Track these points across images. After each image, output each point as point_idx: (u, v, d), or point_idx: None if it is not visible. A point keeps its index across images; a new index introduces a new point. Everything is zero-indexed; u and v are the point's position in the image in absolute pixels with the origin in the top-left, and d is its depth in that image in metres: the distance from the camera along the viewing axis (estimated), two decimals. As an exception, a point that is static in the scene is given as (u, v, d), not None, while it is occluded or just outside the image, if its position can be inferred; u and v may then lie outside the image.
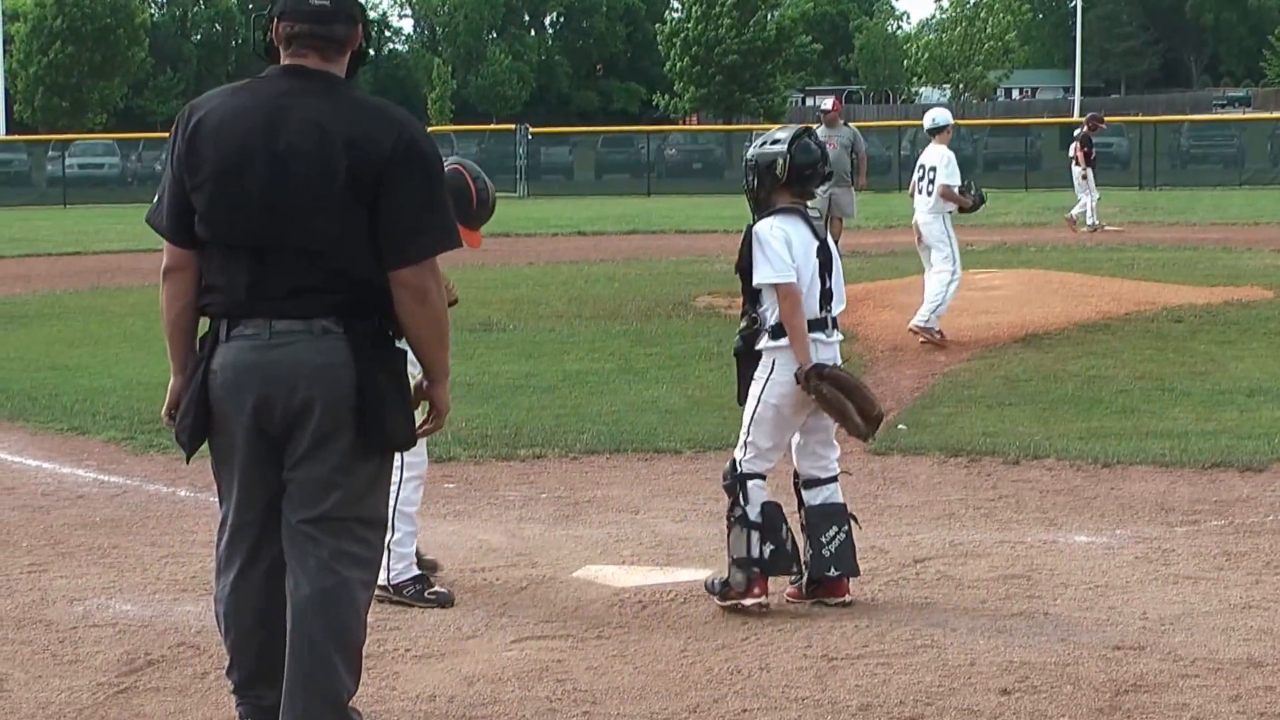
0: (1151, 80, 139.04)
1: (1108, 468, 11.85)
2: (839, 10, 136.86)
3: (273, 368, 5.92)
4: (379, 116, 5.95)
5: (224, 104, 6.05)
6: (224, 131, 5.95)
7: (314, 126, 5.89)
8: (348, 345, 5.92)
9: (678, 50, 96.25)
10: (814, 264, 8.49)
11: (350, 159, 5.84)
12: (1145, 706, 6.89)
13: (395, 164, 5.87)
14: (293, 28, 5.99)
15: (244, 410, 5.97)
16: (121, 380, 16.43)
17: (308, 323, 5.91)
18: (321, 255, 5.89)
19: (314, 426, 5.94)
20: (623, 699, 7.07)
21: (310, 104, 5.93)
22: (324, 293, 5.91)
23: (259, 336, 5.93)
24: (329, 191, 5.85)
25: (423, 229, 5.93)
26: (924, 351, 17.15)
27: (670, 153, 69.67)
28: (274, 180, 5.88)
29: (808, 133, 8.79)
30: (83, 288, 26.95)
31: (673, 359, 16.93)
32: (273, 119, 5.92)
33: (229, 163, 5.91)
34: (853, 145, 29.90)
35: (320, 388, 5.91)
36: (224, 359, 5.98)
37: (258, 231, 5.91)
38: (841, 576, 8.42)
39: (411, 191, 5.90)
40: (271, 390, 5.93)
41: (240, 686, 6.30)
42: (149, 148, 71.29)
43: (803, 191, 8.70)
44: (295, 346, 5.92)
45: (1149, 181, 57.66)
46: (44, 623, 8.29)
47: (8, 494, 11.56)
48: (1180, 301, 19.84)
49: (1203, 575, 8.99)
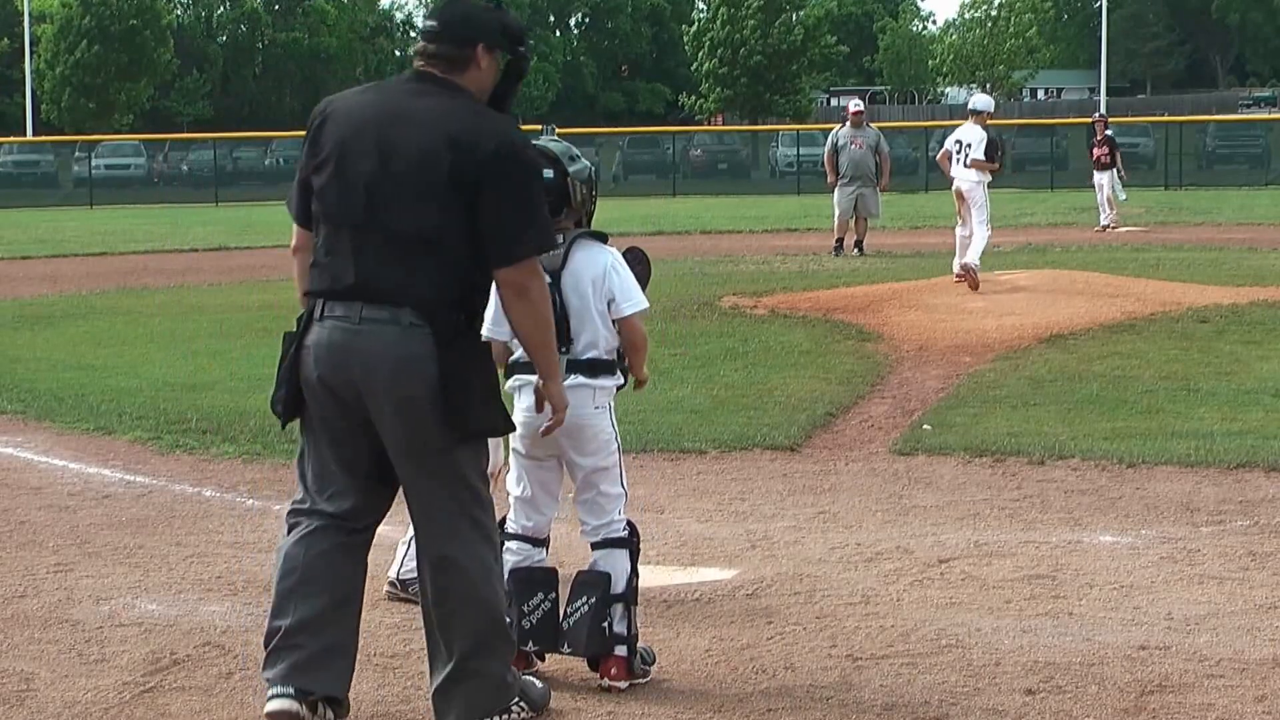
0: (1177, 80, 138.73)
1: (1133, 468, 11.84)
2: (864, 11, 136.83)
3: (358, 354, 6.33)
4: (485, 122, 6.39)
5: (352, 98, 6.64)
6: (346, 120, 6.49)
7: (423, 123, 6.36)
8: (432, 338, 6.28)
9: (705, 51, 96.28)
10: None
11: (453, 155, 6.25)
12: (1170, 707, 6.88)
13: (494, 166, 6.28)
14: (418, 42, 6.63)
15: (331, 388, 6.40)
16: (148, 380, 16.46)
17: (396, 311, 6.30)
18: (416, 243, 6.30)
19: (397, 417, 6.32)
20: (647, 698, 7.07)
21: (424, 103, 6.42)
22: (415, 283, 6.30)
23: (349, 319, 6.36)
24: (428, 182, 6.28)
25: (521, 230, 6.34)
26: (949, 352, 17.14)
27: (695, 153, 69.70)
28: (379, 166, 6.34)
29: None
30: (109, 288, 27.00)
31: (698, 359, 16.93)
32: (389, 112, 6.45)
33: (345, 147, 6.42)
34: (877, 146, 29.96)
35: (402, 380, 6.28)
36: (316, 337, 6.43)
37: (358, 211, 6.37)
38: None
39: (510, 194, 6.31)
40: (354, 375, 6.34)
41: (290, 632, 6.50)
42: (175, 148, 71.67)
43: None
44: (381, 335, 6.31)
45: (1175, 181, 57.61)
46: (70, 622, 8.31)
47: (34, 494, 11.59)
48: (1206, 302, 19.79)
49: (1228, 575, 8.97)
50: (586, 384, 7.23)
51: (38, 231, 43.88)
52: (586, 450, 7.29)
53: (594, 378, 7.25)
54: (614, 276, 7.32)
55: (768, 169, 70.63)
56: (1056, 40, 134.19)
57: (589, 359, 7.24)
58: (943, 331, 18.26)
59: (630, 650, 7.24)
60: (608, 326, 7.30)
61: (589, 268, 7.29)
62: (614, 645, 7.22)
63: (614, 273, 7.33)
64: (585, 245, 7.35)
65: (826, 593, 8.70)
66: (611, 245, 7.42)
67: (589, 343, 7.25)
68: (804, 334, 18.57)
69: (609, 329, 7.30)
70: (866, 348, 17.56)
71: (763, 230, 39.38)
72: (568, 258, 7.26)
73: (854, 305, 20.41)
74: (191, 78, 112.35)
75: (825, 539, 9.93)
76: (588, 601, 7.24)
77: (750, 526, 10.31)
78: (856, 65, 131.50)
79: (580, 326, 7.24)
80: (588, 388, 7.23)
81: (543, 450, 7.30)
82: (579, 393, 7.17)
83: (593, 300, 7.26)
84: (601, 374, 7.28)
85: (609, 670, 7.21)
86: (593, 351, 7.24)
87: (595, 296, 7.26)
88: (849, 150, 29.62)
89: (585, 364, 7.24)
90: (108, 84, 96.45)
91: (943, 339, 17.84)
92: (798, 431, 13.20)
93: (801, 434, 13.15)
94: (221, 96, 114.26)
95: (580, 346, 7.24)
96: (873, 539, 9.90)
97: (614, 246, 7.42)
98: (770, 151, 71.83)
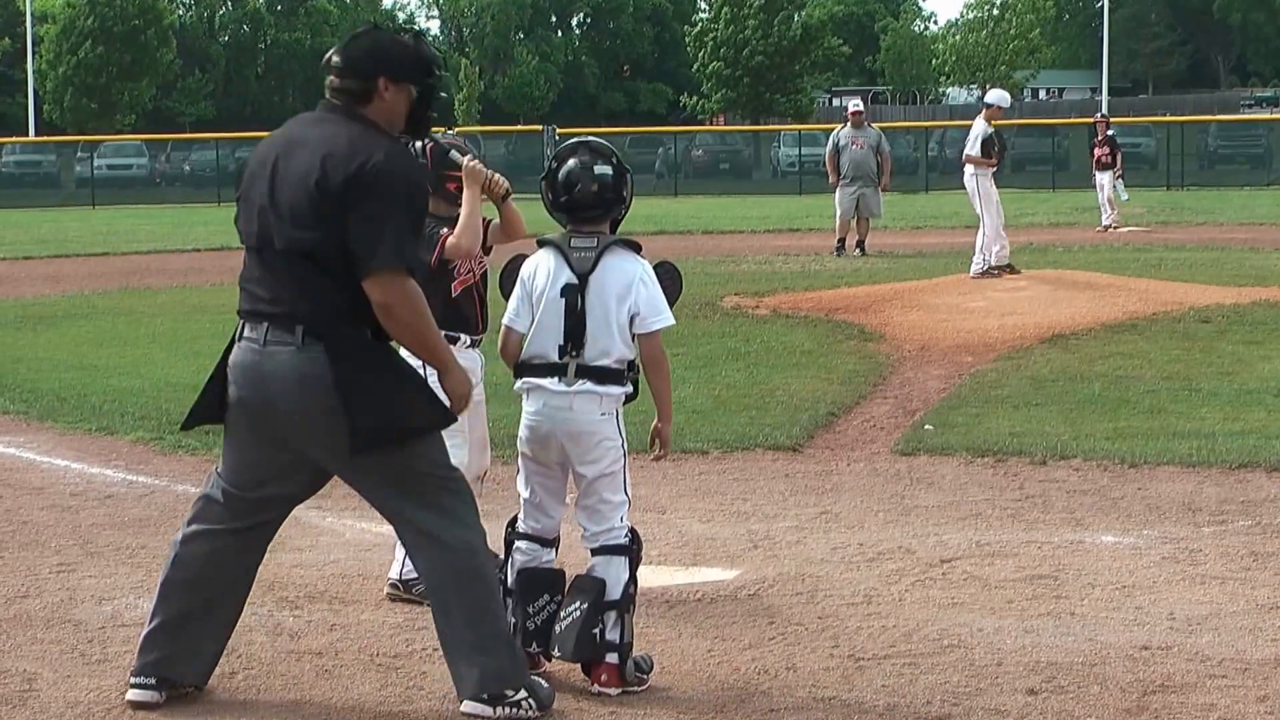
0: (1179, 80, 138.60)
1: (1135, 468, 11.83)
2: (865, 11, 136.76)
3: (266, 376, 6.69)
4: (360, 143, 6.61)
5: (272, 135, 6.97)
6: (257, 154, 6.85)
7: (310, 149, 6.64)
8: (326, 355, 6.60)
9: (707, 51, 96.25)
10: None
11: (320, 175, 6.54)
12: (1172, 707, 6.89)
13: (356, 184, 6.51)
14: (325, 78, 6.87)
15: (246, 407, 6.79)
16: (150, 380, 16.47)
17: (292, 331, 6.63)
18: (300, 261, 6.61)
19: (311, 436, 6.70)
20: (649, 699, 7.08)
21: (317, 131, 6.73)
22: (306, 300, 6.63)
23: (256, 341, 6.73)
24: (305, 202, 6.56)
25: (373, 245, 6.52)
26: (951, 352, 17.15)
27: (697, 153, 69.69)
28: (270, 191, 6.66)
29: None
30: (111, 288, 27.02)
31: (699, 359, 16.93)
32: (288, 141, 6.78)
33: (252, 177, 6.80)
34: (878, 146, 29.98)
35: (304, 400, 6.62)
36: (235, 358, 6.82)
37: (255, 235, 6.74)
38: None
39: (366, 211, 6.51)
40: (265, 395, 6.71)
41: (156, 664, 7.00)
42: (177, 149, 71.69)
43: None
44: (281, 356, 6.64)
45: (1176, 182, 57.59)
46: (73, 622, 8.32)
47: (37, 494, 11.60)
48: (1208, 302, 19.79)
49: (1230, 575, 8.98)
50: (593, 391, 7.22)
51: (40, 232, 43.89)
52: (589, 457, 7.28)
53: (601, 385, 7.23)
54: (641, 290, 7.27)
55: (770, 169, 70.63)
56: (1058, 40, 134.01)
57: (598, 366, 7.22)
58: (944, 331, 18.27)
59: (622, 658, 7.19)
60: (625, 339, 7.27)
61: (617, 277, 7.25)
62: (605, 652, 7.18)
63: (642, 285, 7.28)
64: (617, 253, 7.30)
65: (829, 593, 8.70)
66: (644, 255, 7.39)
67: (601, 351, 7.23)
68: (806, 334, 18.58)
69: (626, 342, 7.28)
70: (868, 348, 17.57)
71: (764, 230, 39.38)
72: (598, 263, 7.24)
73: (856, 305, 20.42)
74: (194, 78, 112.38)
75: (827, 539, 9.93)
76: (580, 607, 7.20)
77: (752, 527, 10.31)
78: (858, 65, 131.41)
79: (595, 334, 7.21)
80: (594, 394, 7.22)
81: (547, 455, 7.31)
82: (585, 399, 7.18)
83: (614, 312, 7.23)
84: (609, 382, 7.26)
85: (599, 676, 7.19)
86: (603, 360, 7.22)
87: (617, 308, 7.23)
88: (850, 151, 29.65)
89: (594, 371, 7.22)
90: (110, 84, 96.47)
91: (944, 339, 17.85)
92: (800, 432, 13.20)
93: (803, 434, 13.15)
94: (224, 97, 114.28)
95: (591, 353, 7.21)
96: (875, 539, 9.90)
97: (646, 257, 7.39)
98: (772, 151, 71.83)
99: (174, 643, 6.95)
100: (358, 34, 6.92)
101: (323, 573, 9.22)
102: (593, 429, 7.23)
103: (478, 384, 8.54)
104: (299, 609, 8.51)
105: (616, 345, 7.25)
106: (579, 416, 7.09)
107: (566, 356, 7.22)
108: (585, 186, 7.33)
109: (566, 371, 7.21)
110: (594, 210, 7.36)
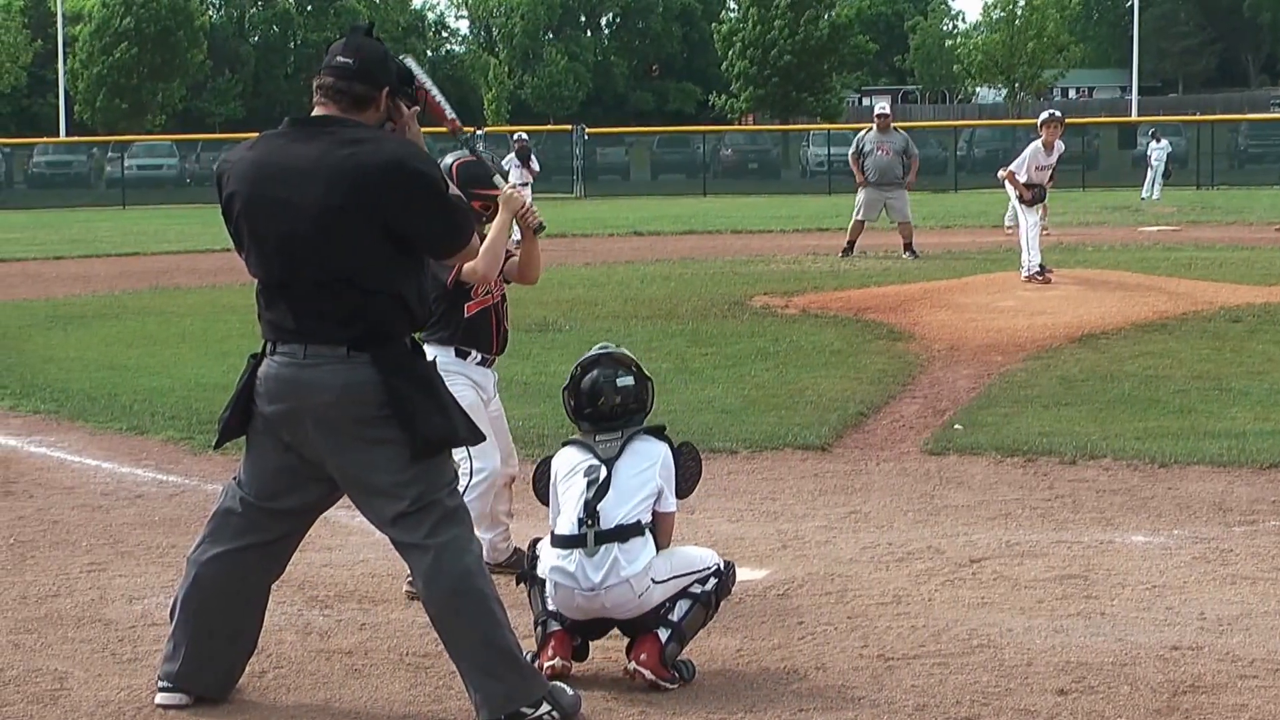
0: (1208, 79, 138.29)
1: (1165, 468, 11.81)
2: (894, 10, 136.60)
3: (305, 384, 6.58)
4: (373, 150, 6.46)
5: (246, 157, 6.67)
6: (242, 182, 6.61)
7: (319, 176, 6.43)
8: (373, 365, 6.53)
9: (736, 51, 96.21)
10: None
11: (352, 196, 6.40)
12: (1203, 707, 6.87)
13: (391, 189, 6.42)
14: (323, 77, 6.62)
15: (274, 422, 6.71)
16: (180, 380, 16.51)
17: (336, 348, 6.54)
18: (341, 288, 6.51)
19: (342, 439, 6.59)
20: (678, 699, 7.08)
21: (313, 149, 6.49)
22: (350, 324, 6.58)
23: (294, 355, 6.60)
24: (334, 228, 6.44)
25: (445, 237, 6.69)
26: (980, 352, 17.12)
27: (726, 153, 69.77)
28: (287, 224, 6.50)
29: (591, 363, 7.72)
30: (141, 288, 27.07)
31: (728, 359, 16.93)
32: (282, 167, 6.52)
33: (250, 210, 6.59)
34: (905, 149, 29.83)
35: (348, 403, 6.54)
36: (265, 370, 6.70)
37: (278, 272, 6.62)
38: None
39: (418, 210, 6.50)
40: (301, 403, 6.60)
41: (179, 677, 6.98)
42: (207, 149, 71.90)
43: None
44: (326, 366, 6.56)
45: (1206, 181, 57.50)
46: (103, 621, 8.35)
47: (68, 493, 11.64)
48: (1238, 301, 19.74)
49: (1261, 576, 8.95)
50: (620, 551, 7.24)
51: (70, 232, 44.03)
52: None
53: (625, 541, 7.27)
54: (665, 471, 7.46)
55: (799, 168, 70.65)
56: (1087, 39, 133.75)
57: (615, 527, 7.28)
58: (974, 331, 18.23)
59: (669, 639, 7.23)
60: (643, 509, 7.36)
61: (644, 460, 7.42)
62: (658, 625, 7.26)
63: (666, 467, 7.47)
64: (644, 438, 7.48)
65: (858, 593, 8.70)
66: (646, 244, 7.44)
67: (614, 516, 7.29)
68: (835, 333, 18.56)
69: (644, 511, 7.37)
70: (897, 347, 17.54)
71: (793, 230, 39.33)
72: (624, 450, 7.40)
73: (885, 305, 20.38)
74: (224, 78, 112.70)
75: (856, 539, 9.93)
76: (678, 579, 7.34)
77: (781, 526, 10.31)
78: (887, 64, 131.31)
79: (615, 507, 7.29)
80: (623, 561, 7.23)
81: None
82: (622, 589, 7.22)
83: (638, 492, 7.34)
84: (632, 537, 7.29)
85: (639, 655, 7.22)
86: (618, 521, 7.28)
87: (640, 486, 7.36)
88: (875, 156, 29.38)
89: (613, 532, 7.27)
90: (141, 85, 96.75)
91: (974, 338, 17.81)
92: (829, 431, 13.19)
93: (832, 434, 13.14)
94: (253, 97, 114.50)
95: (605, 521, 7.27)
96: (904, 539, 9.90)
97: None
98: (801, 151, 71.85)
99: (195, 659, 6.93)
100: (363, 39, 6.71)
101: (352, 572, 9.25)
102: (645, 593, 7.30)
103: (491, 398, 8.70)
104: (329, 608, 8.53)
105: (634, 514, 7.33)
106: (628, 591, 7.24)
107: (584, 528, 7.28)
108: (609, 400, 7.56)
109: (586, 541, 7.26)
110: (618, 421, 7.54)
